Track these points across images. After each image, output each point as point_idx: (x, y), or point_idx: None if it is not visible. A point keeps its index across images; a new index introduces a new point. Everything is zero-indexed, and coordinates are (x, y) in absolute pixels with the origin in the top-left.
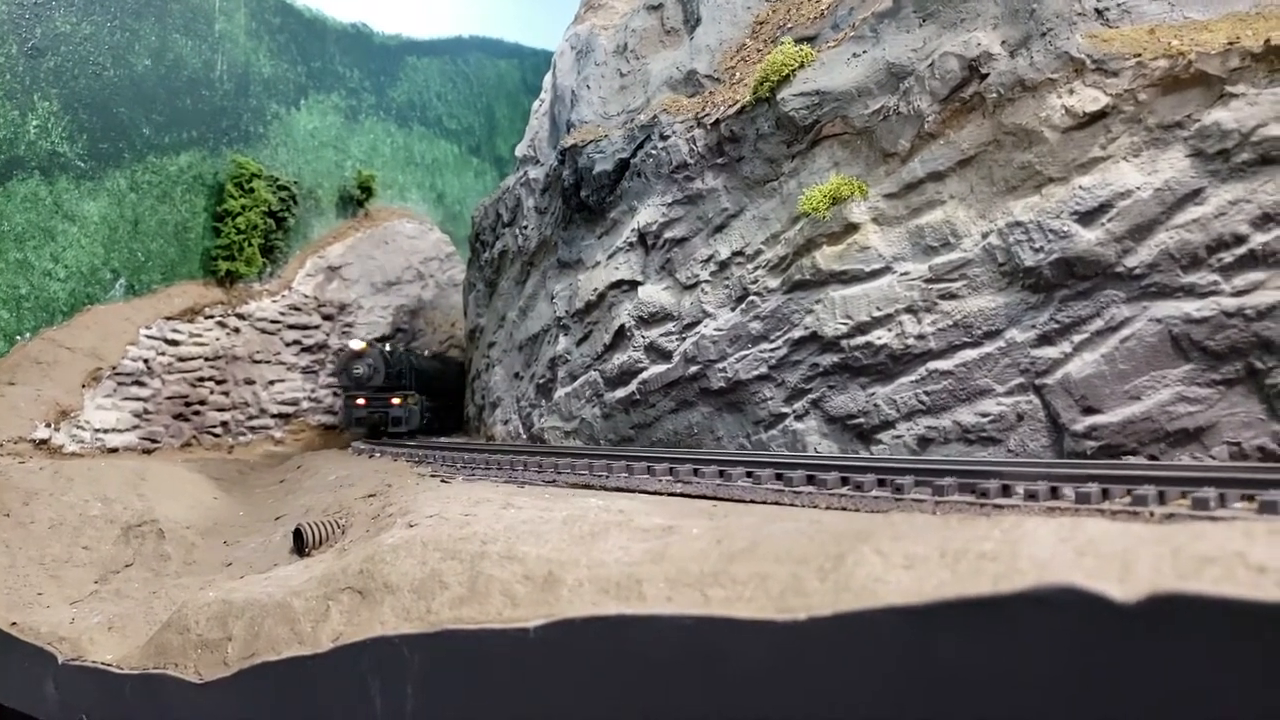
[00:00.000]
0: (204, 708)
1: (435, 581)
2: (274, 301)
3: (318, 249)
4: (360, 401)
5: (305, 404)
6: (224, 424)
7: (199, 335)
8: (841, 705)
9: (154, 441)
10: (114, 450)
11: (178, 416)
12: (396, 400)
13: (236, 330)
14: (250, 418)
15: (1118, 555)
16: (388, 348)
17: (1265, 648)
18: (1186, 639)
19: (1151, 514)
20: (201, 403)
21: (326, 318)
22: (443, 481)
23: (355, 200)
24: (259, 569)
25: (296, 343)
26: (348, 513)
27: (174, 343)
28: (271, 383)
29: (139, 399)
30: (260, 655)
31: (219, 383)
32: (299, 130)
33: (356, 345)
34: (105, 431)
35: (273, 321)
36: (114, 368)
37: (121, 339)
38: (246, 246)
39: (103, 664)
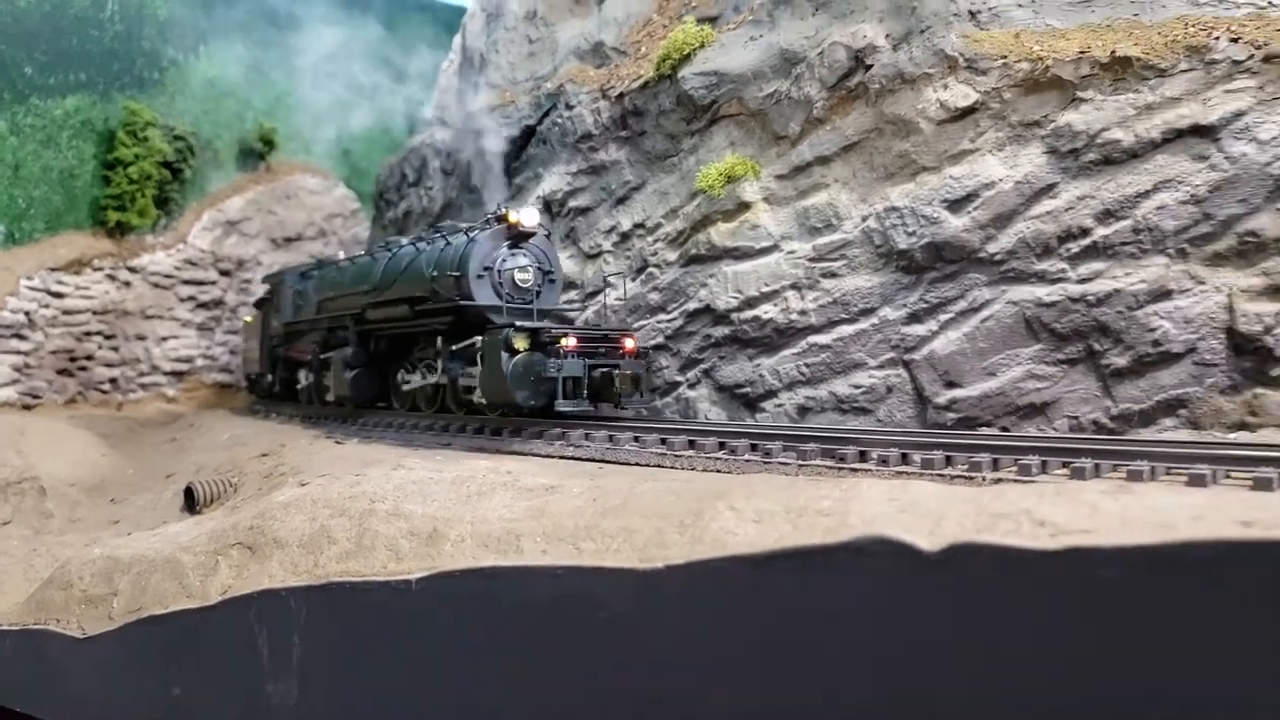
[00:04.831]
0: (87, 662)
1: (324, 537)
2: (168, 255)
3: (215, 202)
4: (570, 343)
5: (200, 361)
6: (113, 380)
7: (86, 288)
8: (695, 643)
9: (35, 397)
10: None
11: (62, 371)
12: (630, 343)
13: (127, 284)
14: (141, 374)
15: (932, 512)
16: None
17: (1038, 588)
18: (978, 582)
19: (984, 479)
20: (88, 358)
21: (224, 273)
22: (337, 443)
23: (256, 153)
24: (148, 526)
25: (192, 298)
26: (240, 471)
27: (58, 295)
28: (164, 339)
29: (19, 352)
30: (147, 609)
31: (108, 337)
32: (197, 78)
33: (531, 218)
34: None
35: (166, 276)
36: None
37: (0, 289)
38: (139, 197)
39: None
